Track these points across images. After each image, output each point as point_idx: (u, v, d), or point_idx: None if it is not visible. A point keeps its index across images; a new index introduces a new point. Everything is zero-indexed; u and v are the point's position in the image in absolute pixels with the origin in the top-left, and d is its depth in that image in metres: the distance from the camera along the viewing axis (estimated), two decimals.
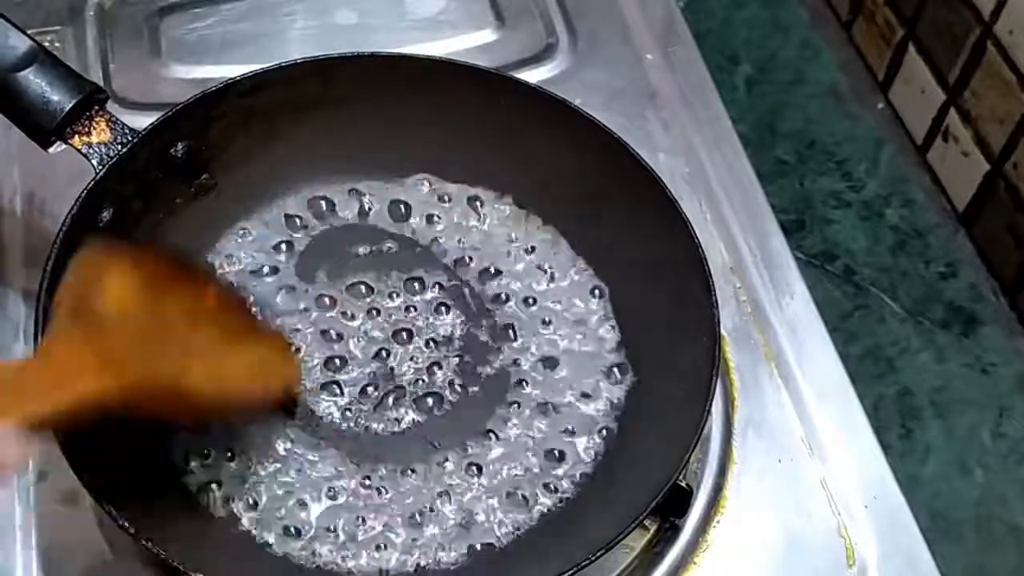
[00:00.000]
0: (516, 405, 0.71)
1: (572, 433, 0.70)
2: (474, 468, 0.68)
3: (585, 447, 0.69)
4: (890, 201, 0.87)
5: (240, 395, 0.63)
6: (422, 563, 0.65)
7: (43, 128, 0.67)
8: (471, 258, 0.76)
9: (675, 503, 0.67)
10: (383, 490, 0.67)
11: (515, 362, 0.72)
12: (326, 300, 0.74)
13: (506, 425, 0.70)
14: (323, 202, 0.78)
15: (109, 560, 0.66)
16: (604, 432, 0.70)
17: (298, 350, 0.71)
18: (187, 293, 0.63)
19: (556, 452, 0.69)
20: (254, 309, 0.70)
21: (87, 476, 0.58)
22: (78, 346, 0.55)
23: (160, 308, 0.60)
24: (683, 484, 0.66)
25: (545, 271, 0.76)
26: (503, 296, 0.75)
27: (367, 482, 0.67)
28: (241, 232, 0.76)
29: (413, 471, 0.68)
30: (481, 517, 0.67)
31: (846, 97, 0.93)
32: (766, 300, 0.78)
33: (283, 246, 0.76)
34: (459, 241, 0.77)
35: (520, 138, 0.75)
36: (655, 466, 0.63)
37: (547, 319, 0.74)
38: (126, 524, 0.57)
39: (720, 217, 0.82)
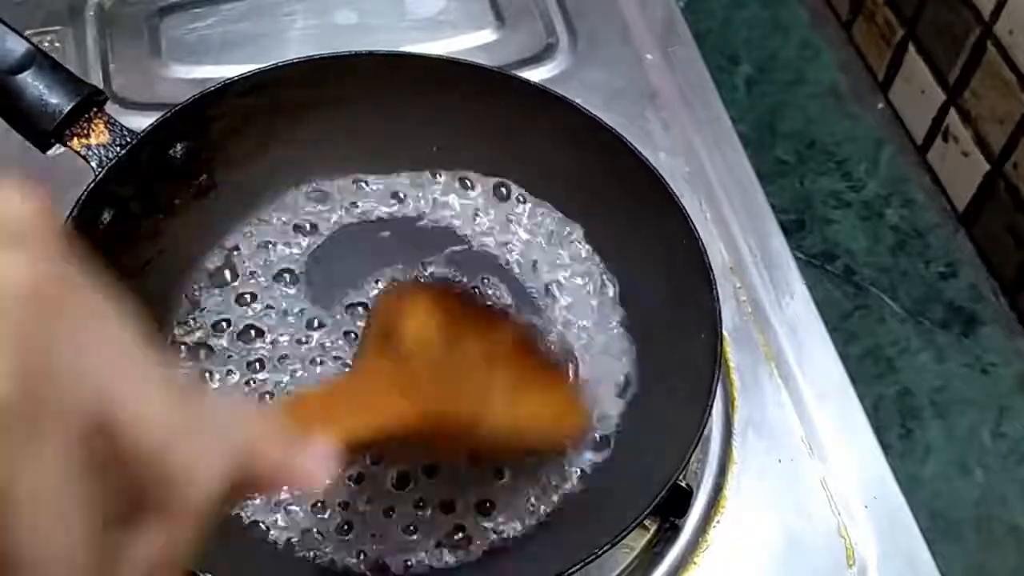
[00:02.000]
0: None
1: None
2: (474, 467, 0.68)
3: (585, 449, 0.69)
4: (890, 201, 0.87)
5: (528, 438, 0.64)
6: (423, 562, 0.65)
7: (41, 131, 0.67)
8: (471, 257, 0.76)
9: (675, 503, 0.67)
10: (384, 489, 0.67)
11: None
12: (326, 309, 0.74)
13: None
14: (323, 202, 0.78)
15: None
16: (604, 432, 0.70)
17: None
18: (485, 333, 0.65)
19: (556, 451, 0.69)
20: (552, 351, 0.71)
21: None
22: (384, 374, 0.57)
23: (459, 346, 0.62)
24: (683, 484, 0.66)
25: (544, 270, 0.76)
26: (500, 295, 0.75)
27: (369, 480, 0.67)
28: (246, 233, 0.76)
29: (414, 471, 0.68)
30: (480, 516, 0.67)
31: (846, 97, 0.93)
32: (766, 300, 0.78)
33: (284, 246, 0.76)
34: (459, 239, 0.77)
35: (520, 137, 0.75)
36: (655, 466, 0.63)
37: (544, 320, 0.74)
38: None
39: (720, 217, 0.82)
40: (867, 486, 0.71)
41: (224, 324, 0.72)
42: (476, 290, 0.75)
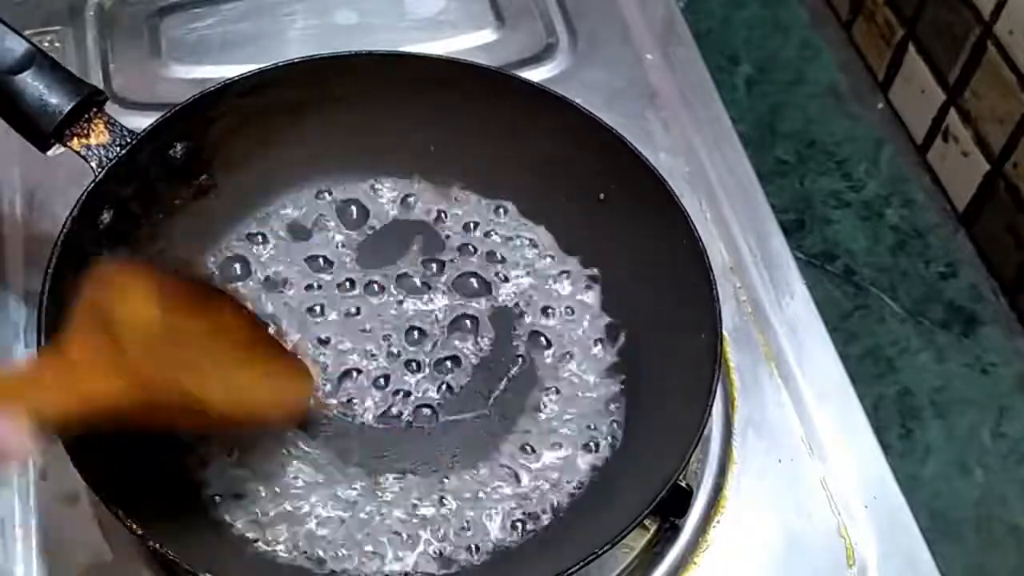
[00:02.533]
0: (515, 406, 0.71)
1: (571, 433, 0.70)
2: (474, 468, 0.68)
3: (585, 450, 0.69)
4: (890, 201, 0.87)
5: (253, 408, 0.64)
6: (424, 565, 0.65)
7: (41, 131, 0.67)
8: (471, 256, 0.76)
9: (675, 503, 0.67)
10: (386, 492, 0.67)
11: (511, 361, 0.72)
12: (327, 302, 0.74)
13: (504, 426, 0.70)
14: (323, 202, 0.78)
15: (109, 560, 0.66)
16: (604, 432, 0.70)
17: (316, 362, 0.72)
18: (202, 310, 0.64)
19: (556, 453, 0.69)
20: (271, 328, 0.71)
21: (94, 479, 0.58)
22: (93, 349, 0.56)
23: (177, 324, 0.61)
24: (683, 484, 0.66)
25: (545, 269, 0.76)
26: (503, 294, 0.75)
27: (369, 483, 0.67)
28: (246, 233, 0.76)
29: (415, 473, 0.68)
30: (481, 518, 0.67)
31: (846, 97, 0.93)
32: (766, 300, 0.78)
33: (284, 246, 0.76)
34: (460, 238, 0.77)
35: (520, 136, 0.75)
36: (655, 466, 0.63)
37: (545, 319, 0.74)
38: (135, 527, 0.57)
39: (720, 217, 0.82)
40: (867, 486, 0.71)
41: None
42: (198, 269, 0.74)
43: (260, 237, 0.76)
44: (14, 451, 0.47)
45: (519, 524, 0.67)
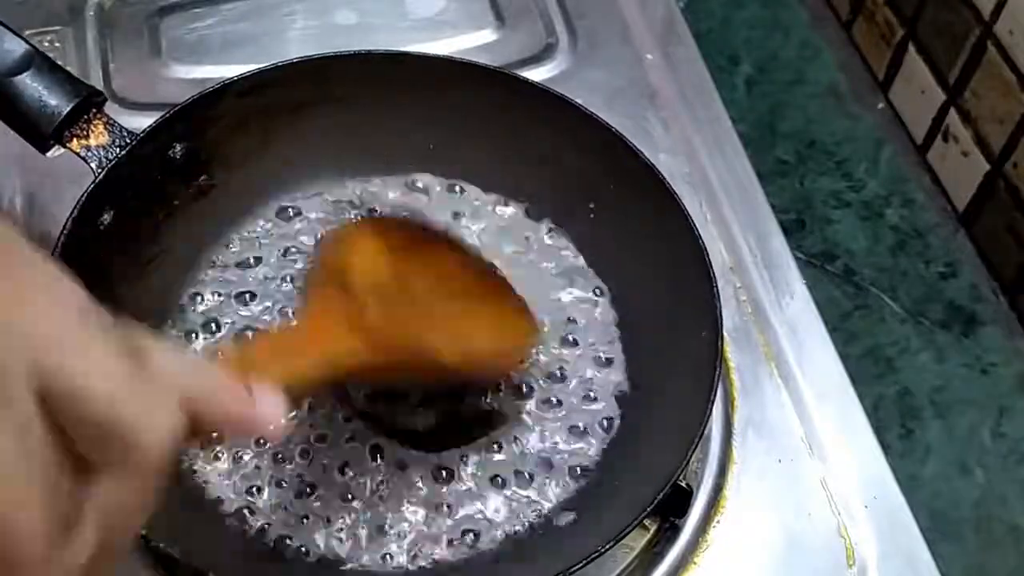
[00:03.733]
0: (515, 405, 0.71)
1: (571, 433, 0.70)
2: (474, 468, 0.68)
3: (584, 447, 0.69)
4: (890, 201, 0.87)
5: (483, 358, 0.65)
6: (423, 563, 0.65)
7: (41, 132, 0.67)
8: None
9: (675, 503, 0.67)
10: (387, 488, 0.67)
11: None
12: None
13: (506, 424, 0.70)
14: (322, 202, 0.78)
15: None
16: (604, 432, 0.70)
17: None
18: (432, 260, 0.65)
19: (556, 453, 0.69)
20: (499, 271, 0.70)
21: None
22: (333, 313, 0.57)
23: (407, 277, 0.63)
24: (683, 484, 0.66)
25: (543, 268, 0.76)
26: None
27: (371, 480, 0.67)
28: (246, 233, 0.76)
29: (415, 469, 0.68)
30: (481, 517, 0.67)
31: (846, 97, 0.93)
32: (766, 300, 0.78)
33: (284, 245, 0.76)
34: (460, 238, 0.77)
35: (521, 136, 0.75)
36: (655, 466, 0.63)
37: (545, 318, 0.74)
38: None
39: (720, 217, 0.82)
40: (867, 486, 0.71)
41: (224, 324, 0.72)
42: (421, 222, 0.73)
43: (258, 238, 0.76)
44: (271, 420, 0.47)
45: (519, 523, 0.67)
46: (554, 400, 0.71)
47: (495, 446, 0.69)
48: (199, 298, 0.73)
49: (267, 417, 0.46)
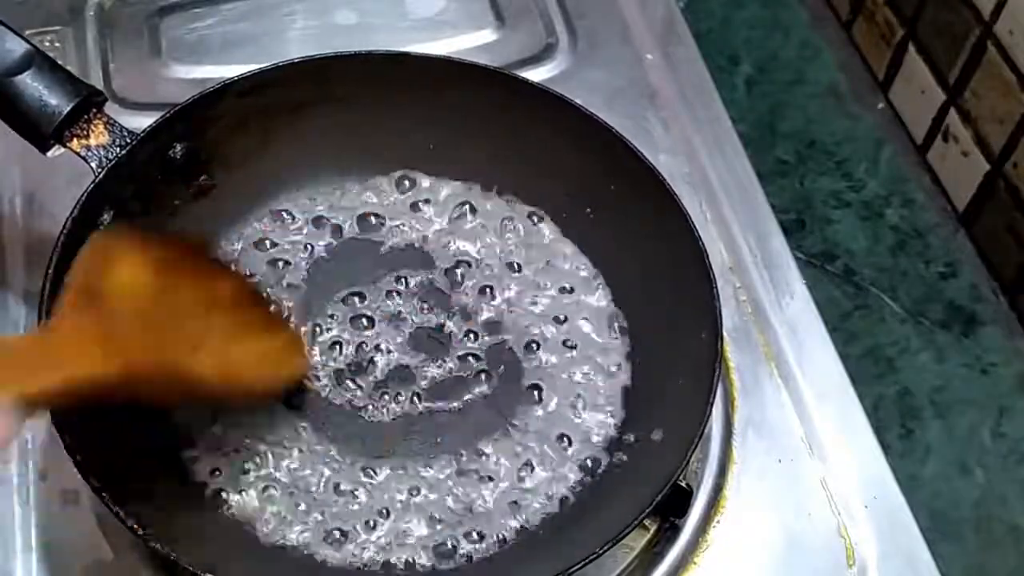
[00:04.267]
0: (516, 405, 0.71)
1: (571, 433, 0.70)
2: (475, 467, 0.68)
3: (584, 447, 0.69)
4: (890, 201, 0.87)
5: (244, 384, 0.63)
6: (423, 562, 0.65)
7: (41, 132, 0.67)
8: (471, 255, 0.76)
9: (675, 503, 0.67)
10: (386, 487, 0.67)
11: (512, 361, 0.72)
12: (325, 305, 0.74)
13: (506, 425, 0.70)
14: (323, 201, 0.78)
15: (109, 560, 0.66)
16: (604, 432, 0.70)
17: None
18: (200, 281, 0.64)
19: (555, 452, 0.69)
20: (267, 299, 0.70)
21: (95, 479, 0.58)
22: (84, 325, 0.55)
23: (171, 294, 0.61)
24: (683, 484, 0.66)
25: (543, 268, 0.76)
26: (502, 294, 0.75)
27: (372, 479, 0.67)
28: (246, 233, 0.76)
29: (415, 469, 0.68)
30: (482, 518, 0.67)
31: (846, 97, 0.93)
32: (766, 300, 0.78)
33: (284, 245, 0.76)
34: (460, 238, 0.77)
35: (520, 136, 0.75)
36: (655, 466, 0.63)
37: (545, 318, 0.74)
38: (135, 526, 0.57)
39: (720, 217, 0.82)
40: (867, 486, 0.71)
41: None
42: (197, 239, 0.73)
43: (258, 238, 0.76)
44: (1, 436, 0.46)
45: (519, 523, 0.67)
46: (554, 400, 0.71)
47: (494, 447, 0.69)
48: None
49: None
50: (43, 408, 0.54)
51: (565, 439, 0.69)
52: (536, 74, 0.87)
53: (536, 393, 0.71)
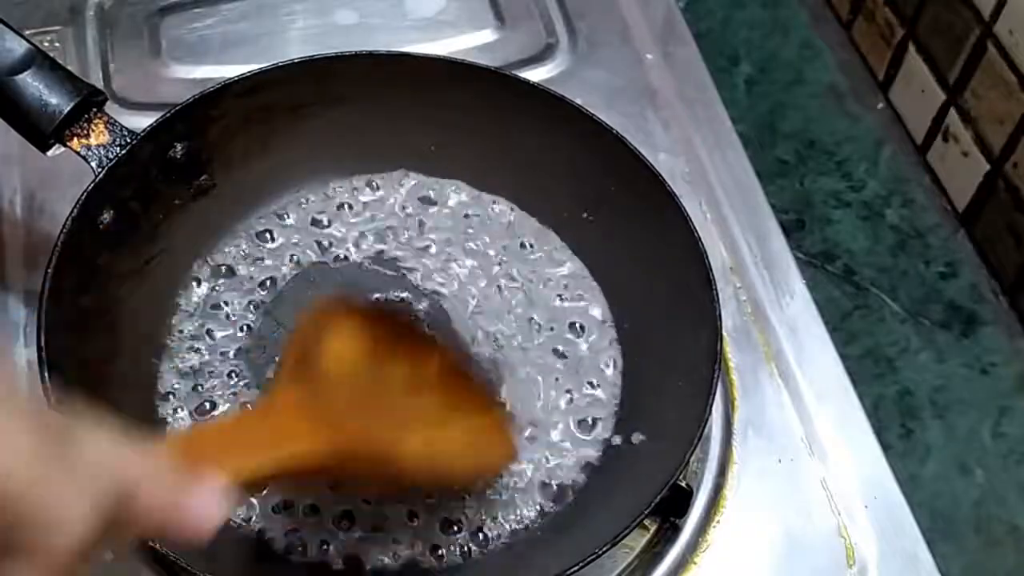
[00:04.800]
0: (516, 406, 0.71)
1: (571, 433, 0.70)
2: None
3: (584, 447, 0.69)
4: (890, 201, 0.87)
5: (451, 469, 0.61)
6: (421, 562, 0.65)
7: (41, 131, 0.67)
8: (470, 257, 0.76)
9: (675, 503, 0.67)
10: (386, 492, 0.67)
11: (512, 361, 0.72)
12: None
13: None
14: (323, 201, 0.78)
15: (109, 560, 0.66)
16: (603, 432, 0.70)
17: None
18: (411, 358, 0.61)
19: (555, 452, 0.69)
20: (477, 376, 0.67)
21: None
22: (298, 404, 0.53)
23: (382, 371, 0.59)
24: (683, 484, 0.66)
25: (544, 270, 0.76)
26: (501, 295, 0.75)
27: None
28: (246, 233, 0.76)
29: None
30: (482, 518, 0.67)
31: (846, 97, 0.93)
32: (766, 300, 0.78)
33: (284, 245, 0.76)
34: (459, 240, 0.77)
35: (520, 136, 0.75)
36: (655, 466, 0.63)
37: (546, 319, 0.74)
38: None
39: (720, 217, 0.82)
40: (867, 486, 0.71)
41: (224, 323, 0.72)
42: (408, 312, 0.72)
43: (260, 236, 0.76)
44: (213, 517, 0.42)
45: (518, 524, 0.67)
46: (553, 400, 0.71)
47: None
48: (200, 296, 0.73)
49: (204, 512, 0.41)
50: (258, 488, 0.53)
51: (564, 438, 0.69)
52: (536, 74, 0.87)
53: (533, 396, 0.71)
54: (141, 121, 0.70)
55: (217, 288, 0.74)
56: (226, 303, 0.73)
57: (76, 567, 0.35)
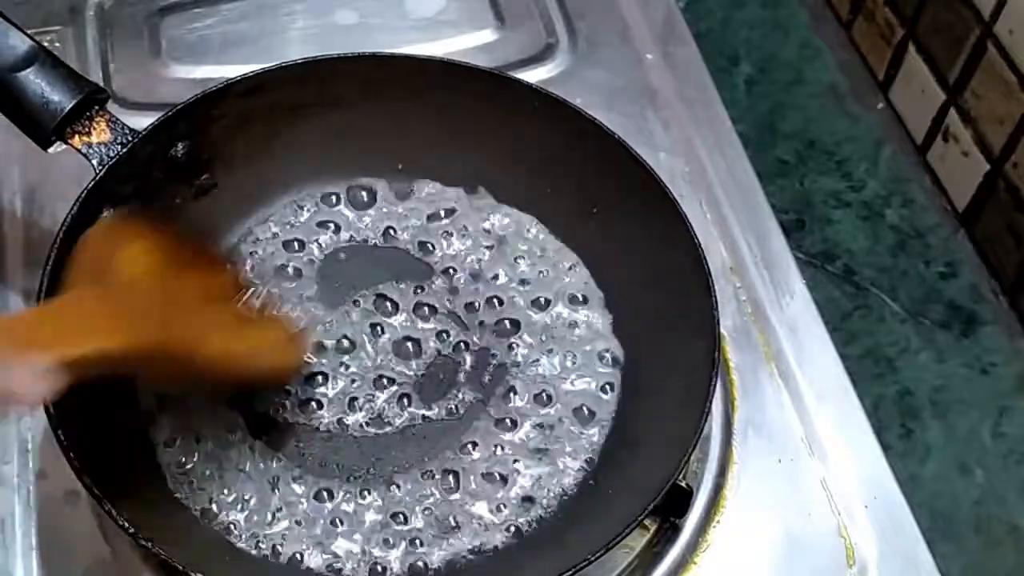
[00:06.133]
0: (515, 406, 0.71)
1: (571, 434, 0.70)
2: (474, 467, 0.68)
3: (584, 448, 0.69)
4: (890, 201, 0.87)
5: (245, 368, 0.64)
6: (420, 564, 0.65)
7: (43, 128, 0.67)
8: (468, 258, 0.76)
9: (675, 503, 0.67)
10: (382, 491, 0.67)
11: (513, 362, 0.72)
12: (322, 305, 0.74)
13: (505, 426, 0.70)
14: (324, 202, 0.78)
15: (109, 560, 0.66)
16: (603, 432, 0.70)
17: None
18: (202, 273, 0.65)
19: (555, 452, 0.69)
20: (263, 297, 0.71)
21: (89, 478, 0.58)
22: (92, 299, 0.57)
23: (174, 281, 0.62)
24: (683, 484, 0.66)
25: (543, 271, 0.76)
26: (501, 295, 0.75)
27: (366, 483, 0.67)
28: (246, 233, 0.76)
29: (409, 472, 0.68)
30: (482, 518, 0.67)
31: (846, 97, 0.93)
32: (766, 300, 0.78)
33: (284, 244, 0.76)
34: (458, 241, 0.77)
35: (520, 139, 0.75)
36: (655, 466, 0.63)
37: (545, 320, 0.74)
38: (127, 525, 0.57)
39: (720, 217, 0.82)
40: (867, 486, 0.71)
41: None
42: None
43: (260, 237, 0.76)
44: (28, 393, 0.48)
45: (518, 525, 0.67)
46: (552, 401, 0.71)
47: (495, 447, 0.69)
48: None
49: (28, 387, 0.47)
50: (59, 376, 0.55)
51: (564, 440, 0.69)
52: (536, 74, 0.87)
53: (535, 395, 0.71)
54: (141, 121, 0.70)
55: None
56: None
57: None
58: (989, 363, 0.80)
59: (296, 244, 0.76)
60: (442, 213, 0.78)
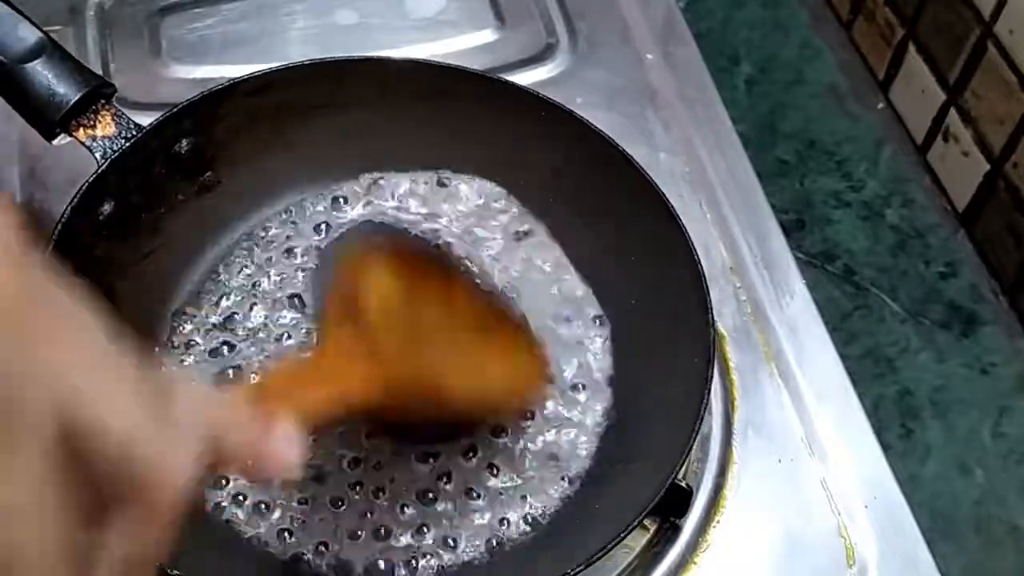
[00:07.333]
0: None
1: (570, 435, 0.70)
2: (473, 467, 0.68)
3: (584, 447, 0.69)
4: (890, 201, 0.87)
5: (494, 401, 0.64)
6: (420, 564, 0.65)
7: (48, 120, 0.67)
8: (468, 259, 0.76)
9: (675, 503, 0.67)
10: (380, 489, 0.67)
11: None
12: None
13: (504, 426, 0.70)
14: (325, 202, 0.78)
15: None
16: (603, 432, 0.70)
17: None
18: (441, 288, 0.64)
19: (555, 452, 0.69)
20: (510, 310, 0.69)
21: None
22: (349, 345, 0.56)
23: (418, 306, 0.61)
24: (683, 484, 0.66)
25: (542, 272, 0.76)
26: (500, 296, 0.75)
27: (363, 480, 0.67)
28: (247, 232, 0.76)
29: (409, 472, 0.68)
30: (480, 517, 0.67)
31: (846, 97, 0.93)
32: (766, 300, 0.78)
33: (285, 245, 0.76)
34: (457, 242, 0.77)
35: (520, 141, 0.75)
36: (654, 466, 0.63)
37: (545, 322, 0.74)
38: None
39: (720, 217, 0.82)
40: (867, 486, 0.71)
41: (224, 321, 0.72)
42: (433, 245, 0.74)
43: (261, 237, 0.76)
44: (291, 456, 0.45)
45: (518, 525, 0.67)
46: (552, 401, 0.71)
47: (495, 448, 0.69)
48: (199, 294, 0.73)
49: (286, 453, 0.45)
50: (318, 429, 0.55)
51: (563, 440, 0.69)
52: (536, 74, 0.87)
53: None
54: (141, 121, 0.70)
55: (217, 285, 0.74)
56: (226, 300, 0.73)
57: (176, 514, 0.37)
58: (989, 363, 0.80)
59: (296, 244, 0.76)
60: (442, 213, 0.78)
